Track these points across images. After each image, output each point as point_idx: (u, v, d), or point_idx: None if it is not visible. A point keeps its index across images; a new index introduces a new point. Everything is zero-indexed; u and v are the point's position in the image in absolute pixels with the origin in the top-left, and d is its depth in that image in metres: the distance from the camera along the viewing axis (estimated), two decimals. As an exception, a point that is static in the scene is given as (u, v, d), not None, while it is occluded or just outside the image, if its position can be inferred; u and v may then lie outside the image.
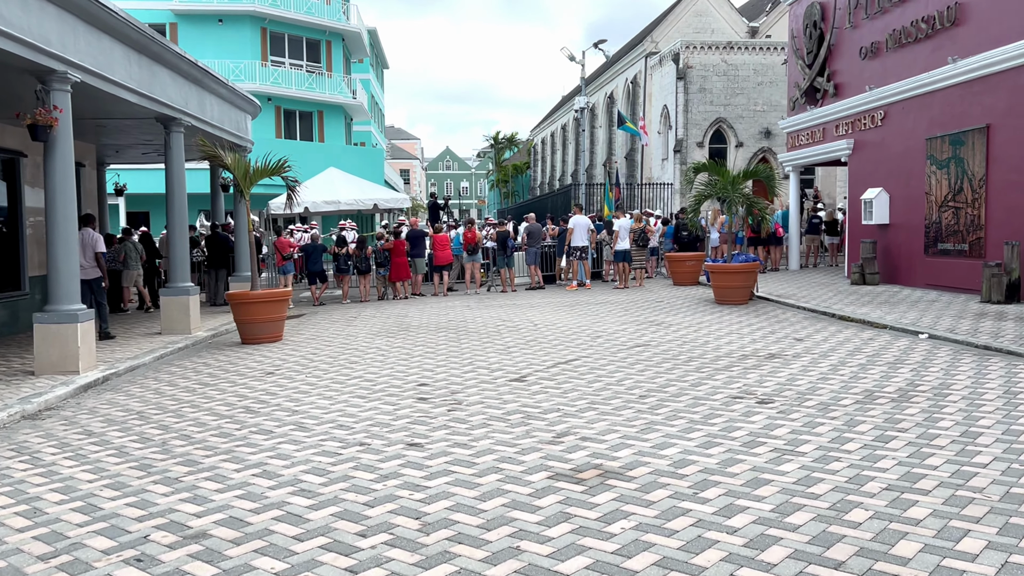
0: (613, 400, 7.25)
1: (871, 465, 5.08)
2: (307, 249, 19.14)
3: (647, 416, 6.59)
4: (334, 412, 7.14)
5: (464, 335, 12.08)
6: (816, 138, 21.29)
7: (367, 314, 15.94)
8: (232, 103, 15.95)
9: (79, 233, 14.39)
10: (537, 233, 20.41)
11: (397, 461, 5.44)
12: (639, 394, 7.49)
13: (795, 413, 6.53)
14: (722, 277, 15.23)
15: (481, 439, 5.99)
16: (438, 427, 6.43)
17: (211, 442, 6.22)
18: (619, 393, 7.57)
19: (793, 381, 7.85)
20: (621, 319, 13.35)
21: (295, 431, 6.47)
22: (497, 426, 6.39)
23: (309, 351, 11.14)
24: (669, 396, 7.36)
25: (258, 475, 5.27)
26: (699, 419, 6.43)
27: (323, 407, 7.39)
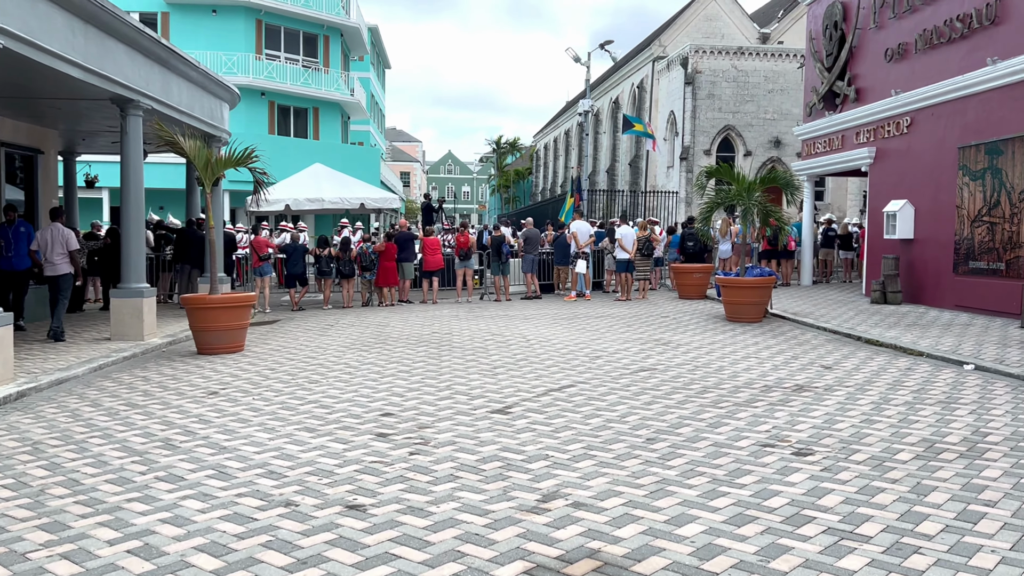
0: (614, 444, 5.91)
1: (965, 562, 3.74)
2: (287, 250, 17.81)
3: (657, 469, 5.26)
4: (269, 452, 5.80)
5: (447, 351, 10.75)
6: (834, 146, 19.99)
7: (345, 322, 14.60)
8: (205, 88, 14.64)
9: (49, 228, 13.26)
10: (535, 239, 19.09)
11: (325, 536, 4.08)
12: (646, 436, 6.15)
13: (843, 471, 5.18)
14: (734, 292, 13.90)
15: (444, 500, 4.64)
16: (392, 479, 5.08)
17: (99, 492, 4.87)
18: (622, 434, 6.23)
19: (832, 424, 6.51)
20: (623, 336, 12.02)
21: (211, 479, 5.13)
22: (467, 480, 5.05)
23: (268, 365, 9.80)
24: (683, 440, 6.02)
25: (133, 552, 3.92)
26: (724, 476, 5.09)
27: (259, 444, 6.05)
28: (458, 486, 4.91)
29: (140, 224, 11.95)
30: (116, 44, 10.88)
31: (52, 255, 11.68)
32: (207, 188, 11.06)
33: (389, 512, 4.43)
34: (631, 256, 17.55)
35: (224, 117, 16.14)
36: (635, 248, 17.59)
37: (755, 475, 5.10)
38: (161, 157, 32.90)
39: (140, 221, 11.95)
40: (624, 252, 17.49)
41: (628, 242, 17.57)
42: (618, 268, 17.88)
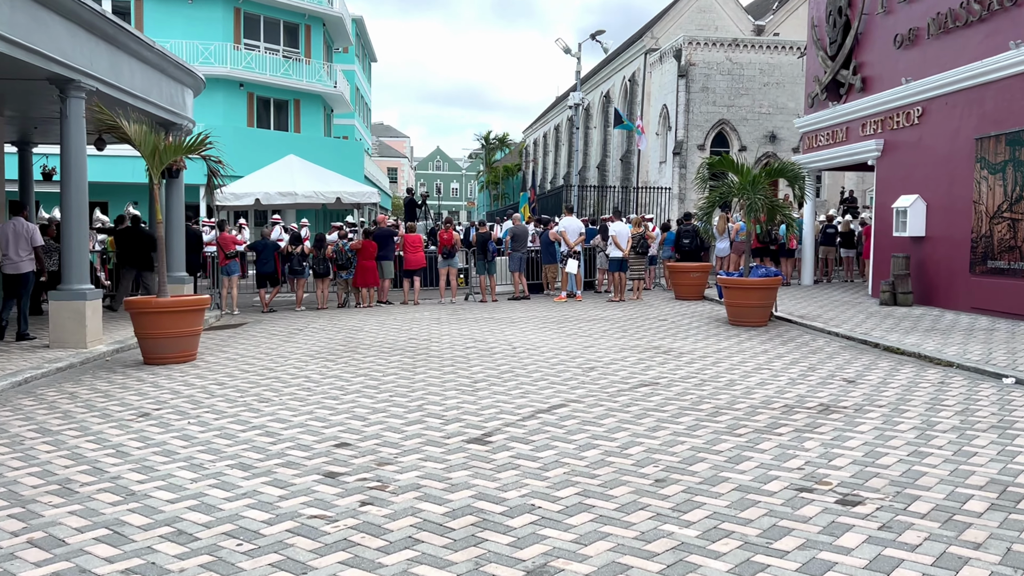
0: (616, 488, 4.81)
1: None
2: (257, 247, 16.62)
3: (673, 527, 4.15)
4: (185, 500, 4.65)
5: (423, 361, 9.62)
6: (838, 138, 18.96)
7: (316, 326, 13.44)
8: (163, 71, 13.43)
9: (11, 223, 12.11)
10: (523, 236, 17.97)
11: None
12: (654, 477, 5.05)
13: (908, 530, 4.10)
14: (738, 294, 12.83)
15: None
16: (332, 544, 3.95)
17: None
18: (624, 472, 5.13)
19: (875, 458, 5.42)
20: (619, 343, 10.92)
21: (97, 545, 3.98)
22: (429, 545, 3.93)
23: (218, 379, 8.64)
24: (700, 483, 4.92)
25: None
26: (757, 538, 3.99)
27: (176, 488, 4.91)
28: (416, 555, 3.79)
29: (82, 219, 10.76)
30: (51, 16, 9.68)
31: (14, 252, 11.06)
32: (155, 178, 9.88)
33: (319, 602, 3.30)
34: (625, 254, 16.45)
35: (187, 104, 14.93)
36: (629, 246, 16.51)
37: (798, 538, 4.00)
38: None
39: (82, 216, 10.76)
40: (618, 250, 16.40)
41: (622, 239, 16.48)
42: (611, 267, 16.79)
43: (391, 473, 5.15)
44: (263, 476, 5.11)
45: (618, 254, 16.42)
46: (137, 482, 5.02)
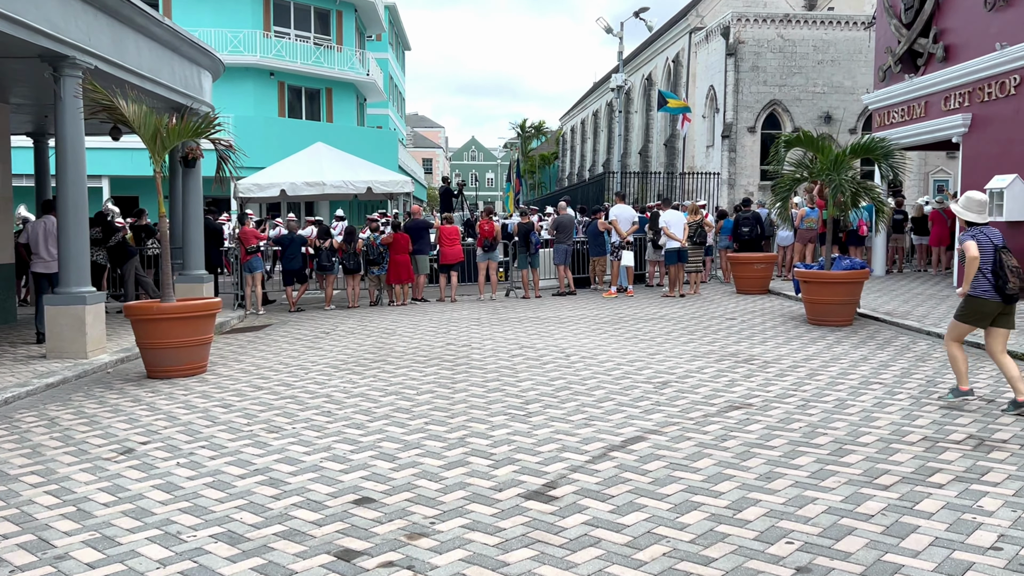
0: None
1: None
2: (283, 242, 15.42)
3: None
4: (140, 605, 3.36)
5: (463, 372, 8.27)
6: (915, 114, 17.16)
7: (345, 328, 12.18)
8: (176, 50, 12.24)
9: (42, 221, 11.13)
10: (568, 226, 16.52)
11: None
12: (793, 563, 3.62)
13: None
14: (819, 289, 11.26)
15: None
16: None
17: None
18: (748, 554, 3.71)
19: (1092, 528, 3.93)
20: (688, 348, 9.46)
21: None
22: None
23: (226, 398, 7.39)
24: (865, 574, 3.48)
25: None
26: None
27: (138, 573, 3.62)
28: None
29: (80, 215, 9.59)
30: (38, -18, 8.49)
31: (45, 251, 10.80)
32: (156, 165, 8.65)
33: None
34: (682, 244, 14.93)
35: (204, 87, 13.73)
36: (686, 235, 14.98)
37: None
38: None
39: (80, 212, 9.59)
40: (673, 240, 14.86)
41: (677, 229, 14.95)
42: (667, 260, 15.24)
43: (425, 552, 3.80)
44: (255, 557, 3.79)
45: (675, 245, 14.90)
46: (86, 566, 3.73)
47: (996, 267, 6.17)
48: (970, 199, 6.49)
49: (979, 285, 6.27)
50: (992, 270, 6.18)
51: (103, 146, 19.69)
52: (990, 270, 6.19)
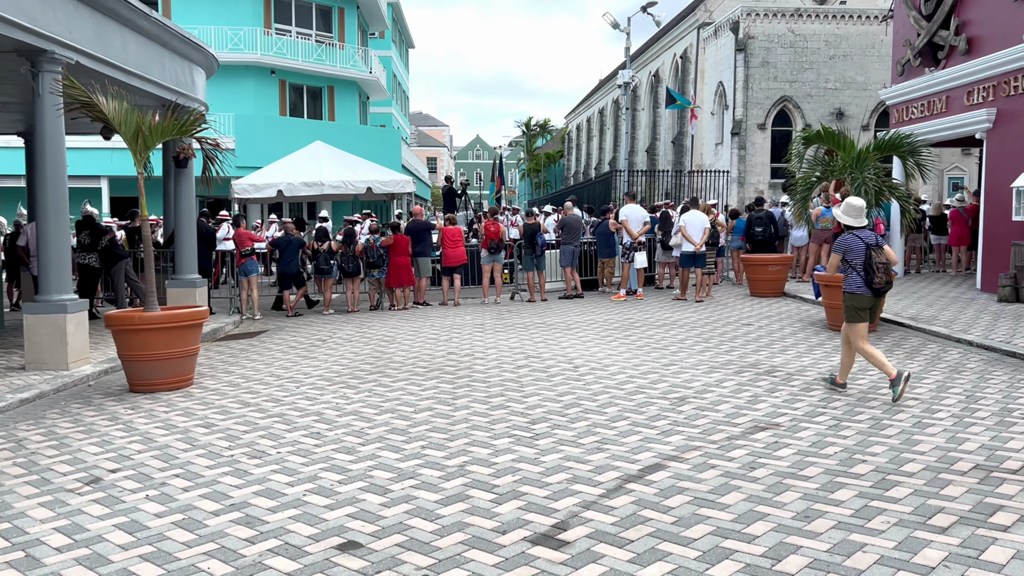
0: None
1: None
2: (279, 244, 14.91)
3: None
4: None
5: (465, 386, 7.73)
6: (936, 109, 16.55)
7: (343, 335, 11.66)
8: (166, 45, 11.72)
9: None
10: (575, 226, 15.97)
11: None
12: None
13: None
14: (840, 294, 10.65)
15: None
16: None
17: None
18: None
19: None
20: (704, 358, 8.90)
21: None
22: None
23: (208, 417, 6.86)
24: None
25: None
26: None
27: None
28: None
29: (61, 217, 9.07)
30: (12, -29, 7.98)
31: None
32: (139, 165, 8.13)
33: None
34: (698, 248, 14.35)
35: (197, 84, 13.22)
36: (704, 239, 14.40)
37: None
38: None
39: (61, 213, 9.07)
40: (690, 243, 14.26)
41: (696, 231, 14.35)
42: (682, 262, 14.63)
43: (417, 617, 3.26)
44: (216, 623, 3.26)
45: (690, 248, 14.29)
46: (20, 634, 3.21)
47: (867, 265, 6.94)
48: (850, 205, 7.21)
49: (853, 282, 7.08)
50: (864, 267, 6.96)
51: (102, 146, 19.30)
52: (862, 268, 6.98)
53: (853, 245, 7.06)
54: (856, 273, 7.05)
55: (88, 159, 29.17)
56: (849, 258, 7.08)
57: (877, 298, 7.11)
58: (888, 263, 6.97)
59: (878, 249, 7.00)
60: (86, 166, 29.44)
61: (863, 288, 7.03)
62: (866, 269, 6.97)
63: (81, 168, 28.47)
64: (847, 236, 7.15)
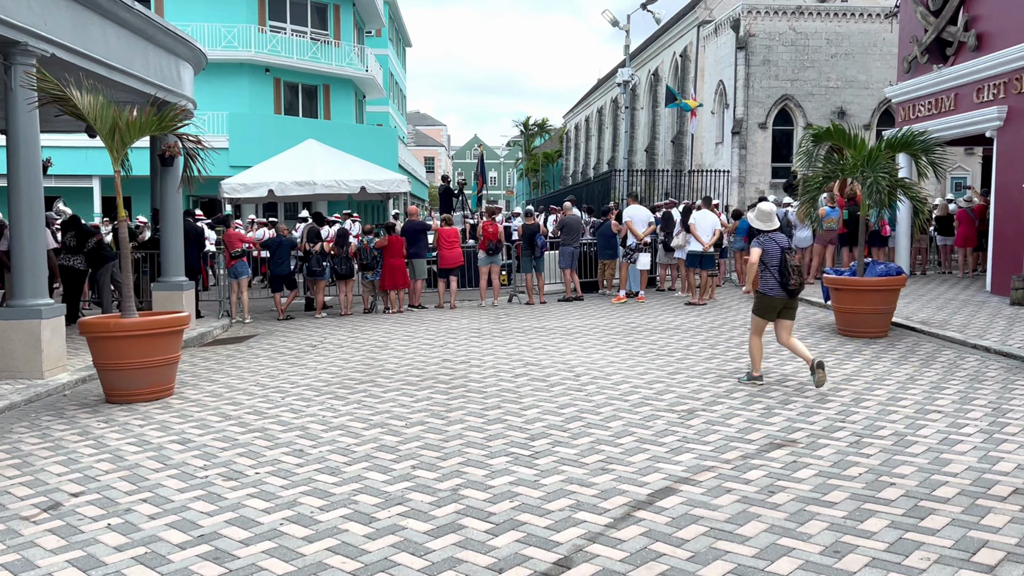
0: None
1: None
2: (270, 245, 14.47)
3: None
4: None
5: (460, 396, 7.30)
6: (944, 107, 16.15)
7: (335, 340, 11.23)
8: (150, 39, 11.29)
9: None
10: (575, 227, 15.55)
11: None
12: None
13: None
14: (852, 297, 10.27)
15: None
16: None
17: None
18: None
19: None
20: (711, 366, 8.48)
21: None
22: None
23: (184, 432, 6.43)
24: None
25: None
26: None
27: None
28: None
29: (36, 217, 8.63)
30: (-19, -42, 7.55)
31: None
32: (115, 163, 7.69)
33: None
34: (706, 248, 13.94)
35: (183, 80, 12.78)
36: (715, 239, 13.99)
37: None
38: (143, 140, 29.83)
39: (36, 213, 8.63)
40: (699, 242, 13.81)
41: (706, 230, 13.92)
42: (689, 262, 14.13)
43: None
44: None
45: (698, 247, 13.85)
46: None
47: (781, 267, 7.22)
48: (760, 210, 7.57)
49: (767, 283, 7.37)
50: (779, 270, 7.23)
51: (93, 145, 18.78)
52: (777, 270, 7.25)
53: (769, 248, 7.34)
54: (771, 275, 7.31)
55: (80, 158, 28.63)
56: (766, 260, 7.34)
57: (791, 299, 7.41)
58: (801, 266, 7.35)
59: (791, 252, 7.33)
60: (78, 165, 28.94)
61: (777, 290, 7.34)
62: (781, 271, 7.24)
63: (73, 167, 28.00)
64: (763, 239, 7.44)
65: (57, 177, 29.80)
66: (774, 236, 7.41)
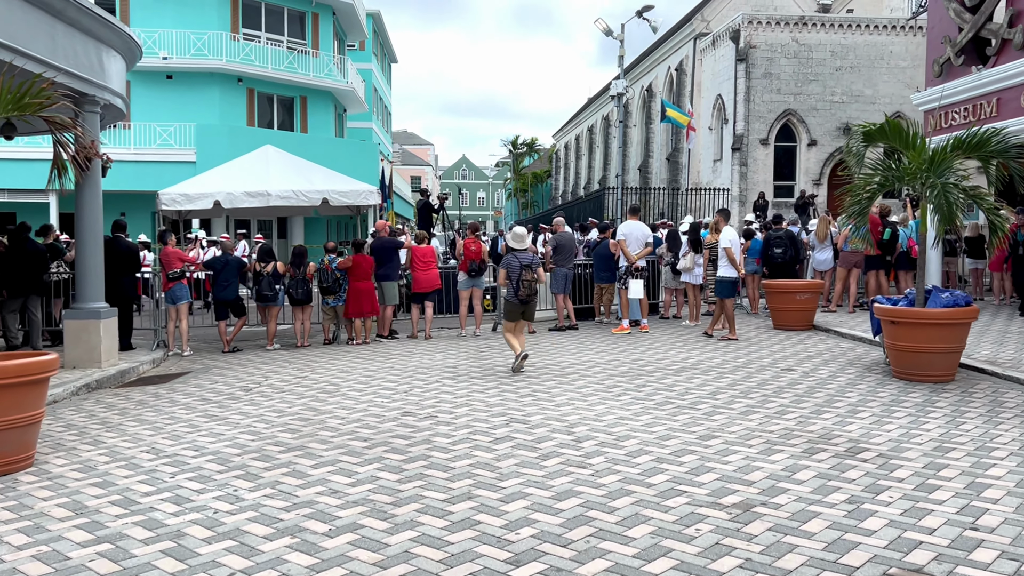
0: None
1: None
2: (214, 265, 12.43)
3: None
4: None
5: (417, 478, 5.27)
6: (984, 113, 14.38)
7: (277, 381, 9.17)
8: (60, 16, 9.30)
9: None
10: (569, 247, 13.60)
11: None
12: None
13: None
14: (911, 333, 8.31)
15: None
16: None
17: None
18: None
19: None
20: (752, 425, 6.48)
21: None
22: None
23: (2, 540, 4.37)
24: None
25: None
26: None
27: None
28: None
29: None
30: None
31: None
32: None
33: None
34: (741, 274, 12.01)
35: (109, 72, 10.76)
36: (743, 261, 12.06)
37: None
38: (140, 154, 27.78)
39: None
40: (731, 268, 11.77)
41: (736, 253, 11.92)
42: (722, 291, 11.96)
43: None
44: None
45: (733, 274, 11.82)
46: None
47: (518, 281, 9.22)
48: (515, 233, 9.63)
49: (509, 292, 9.37)
50: (516, 282, 9.23)
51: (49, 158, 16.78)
52: (516, 281, 9.24)
53: (511, 263, 9.35)
54: (511, 286, 9.33)
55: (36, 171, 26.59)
56: (509, 274, 9.31)
57: (524, 305, 9.39)
58: (533, 280, 9.30)
59: (528, 269, 9.29)
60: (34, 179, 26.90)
61: (513, 297, 9.38)
62: (517, 283, 9.27)
63: (30, 181, 25.91)
64: (509, 256, 9.48)
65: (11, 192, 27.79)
66: (518, 255, 9.40)
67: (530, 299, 9.34)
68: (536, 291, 9.40)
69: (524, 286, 9.20)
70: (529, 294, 9.26)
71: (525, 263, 9.25)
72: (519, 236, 9.56)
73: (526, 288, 9.22)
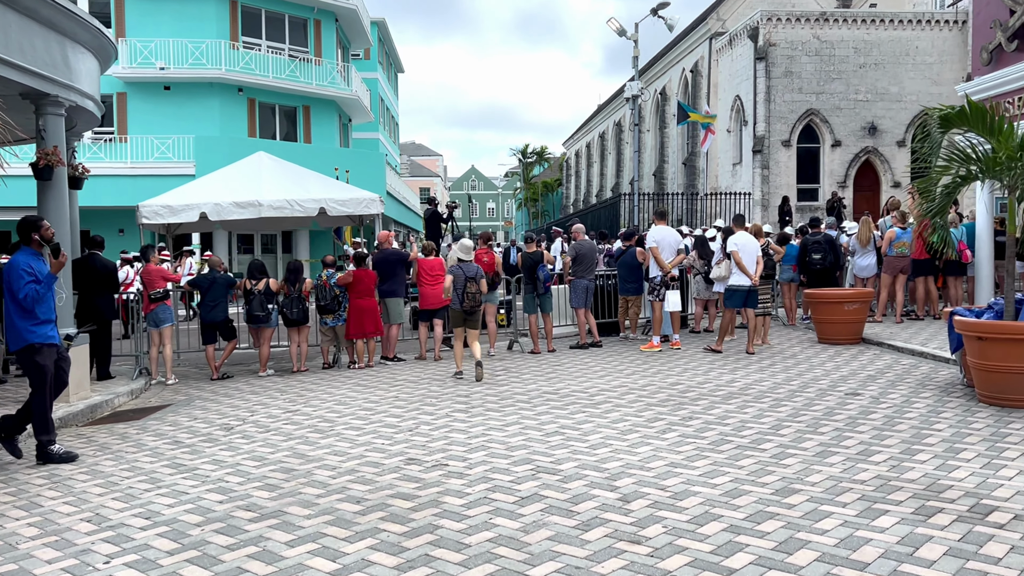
0: None
1: None
2: (200, 283, 11.29)
3: None
4: None
5: (424, 548, 4.06)
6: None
7: (264, 416, 7.99)
8: (19, 9, 8.21)
9: None
10: (590, 256, 12.39)
11: None
12: None
13: None
14: (1002, 351, 7.04)
15: None
16: None
17: None
18: None
19: None
20: (836, 471, 5.24)
21: None
22: None
23: None
24: None
25: None
26: None
27: None
28: None
29: None
30: None
31: None
32: None
33: None
34: (754, 283, 10.76)
35: (78, 71, 9.67)
36: (758, 271, 10.84)
37: None
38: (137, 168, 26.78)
39: None
40: (744, 276, 10.64)
41: (750, 257, 10.76)
42: (729, 301, 10.92)
43: None
44: None
45: (744, 282, 10.68)
46: None
47: (463, 291, 9.70)
48: (462, 244, 10.30)
49: (455, 302, 9.79)
50: (462, 292, 9.70)
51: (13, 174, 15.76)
52: (461, 292, 9.70)
53: (457, 274, 9.72)
54: (457, 295, 9.62)
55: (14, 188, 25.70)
56: (456, 284, 9.60)
57: (469, 315, 9.75)
58: (477, 292, 9.66)
59: (472, 281, 9.66)
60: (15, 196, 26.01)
61: (458, 305, 9.72)
62: (462, 294, 9.61)
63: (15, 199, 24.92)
64: (455, 267, 9.87)
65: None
66: (463, 266, 9.81)
67: (474, 310, 9.71)
68: (481, 302, 9.77)
69: (468, 297, 9.59)
70: (473, 305, 9.63)
71: (470, 275, 9.65)
72: (466, 247, 10.02)
73: (470, 300, 9.59)
